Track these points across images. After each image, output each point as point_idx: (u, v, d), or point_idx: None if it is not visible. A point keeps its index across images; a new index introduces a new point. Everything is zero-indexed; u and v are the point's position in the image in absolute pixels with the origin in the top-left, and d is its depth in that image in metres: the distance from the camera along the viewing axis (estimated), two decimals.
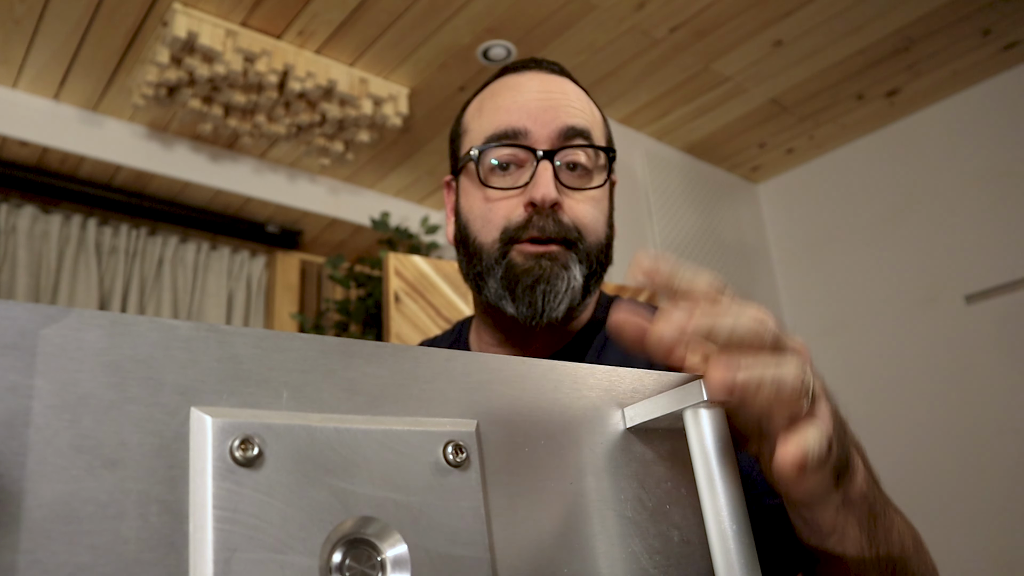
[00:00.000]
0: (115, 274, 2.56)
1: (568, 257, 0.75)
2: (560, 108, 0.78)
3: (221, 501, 0.28)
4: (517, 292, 0.75)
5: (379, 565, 0.31)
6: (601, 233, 0.79)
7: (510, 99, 0.79)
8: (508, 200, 0.77)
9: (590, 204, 0.78)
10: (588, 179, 0.79)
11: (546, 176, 0.74)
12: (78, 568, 0.26)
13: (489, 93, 0.83)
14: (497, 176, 0.78)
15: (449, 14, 2.05)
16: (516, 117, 0.77)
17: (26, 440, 0.26)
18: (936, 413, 2.45)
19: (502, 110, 0.79)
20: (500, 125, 0.78)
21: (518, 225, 0.75)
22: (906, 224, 2.64)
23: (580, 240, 0.76)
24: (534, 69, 0.82)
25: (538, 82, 0.80)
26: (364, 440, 0.33)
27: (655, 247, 2.56)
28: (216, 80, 2.15)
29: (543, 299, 0.74)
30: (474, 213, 0.79)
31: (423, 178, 2.89)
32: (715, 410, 0.40)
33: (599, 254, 0.79)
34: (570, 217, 0.76)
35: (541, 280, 0.74)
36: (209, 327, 0.31)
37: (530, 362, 0.40)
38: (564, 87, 0.81)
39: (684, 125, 2.68)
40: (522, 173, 0.77)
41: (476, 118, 0.82)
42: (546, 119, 0.77)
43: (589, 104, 0.83)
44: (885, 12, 2.16)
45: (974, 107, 2.54)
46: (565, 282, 0.74)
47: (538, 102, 0.78)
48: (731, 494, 0.39)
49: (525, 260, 0.75)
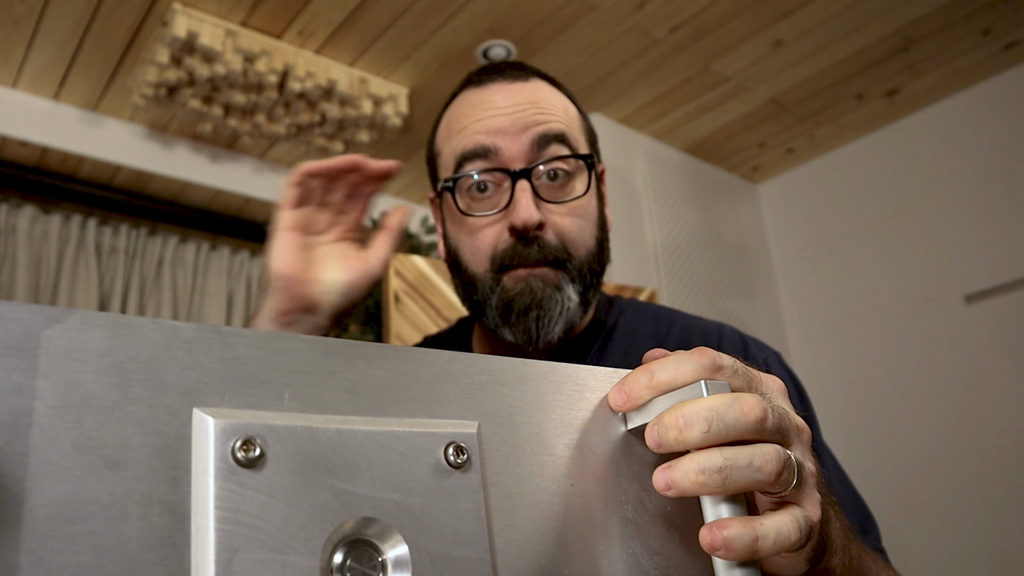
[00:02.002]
0: (115, 274, 2.56)
1: (559, 278, 0.74)
2: (528, 119, 0.75)
3: (223, 502, 0.29)
4: (512, 319, 0.74)
5: (380, 566, 0.31)
6: (591, 242, 0.77)
7: (475, 118, 0.76)
8: (492, 226, 0.75)
9: (575, 215, 0.76)
10: (570, 186, 0.76)
11: (524, 198, 0.72)
12: (80, 568, 0.26)
13: (455, 112, 0.80)
14: (476, 201, 0.76)
15: (449, 14, 2.05)
16: (484, 137, 0.75)
17: (29, 441, 0.27)
18: (936, 413, 2.45)
19: (468, 132, 0.76)
20: (466, 146, 0.75)
21: (505, 252, 0.74)
22: (906, 224, 2.64)
23: (569, 258, 0.75)
24: (497, 80, 0.79)
25: (502, 95, 0.77)
26: (365, 441, 0.33)
27: (655, 247, 2.56)
28: (216, 80, 2.15)
29: (537, 324, 0.73)
30: (461, 241, 0.78)
31: (423, 178, 2.89)
32: None
33: (592, 263, 0.77)
34: (555, 233, 0.74)
35: (533, 306, 0.73)
36: (211, 328, 0.31)
37: (531, 364, 0.40)
38: (532, 93, 0.77)
39: (684, 125, 2.68)
40: (501, 194, 0.75)
41: (446, 140, 0.80)
42: (515, 133, 0.74)
43: (562, 101, 0.79)
44: (885, 12, 2.16)
45: (974, 107, 2.54)
46: (559, 304, 0.73)
47: (504, 117, 0.75)
48: (731, 495, 0.39)
49: (515, 283, 0.74)
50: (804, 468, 0.41)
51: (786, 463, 0.39)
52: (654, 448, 0.39)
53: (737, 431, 0.38)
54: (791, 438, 0.42)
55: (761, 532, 0.37)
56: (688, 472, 0.37)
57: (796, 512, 0.40)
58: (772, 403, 0.41)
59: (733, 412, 0.38)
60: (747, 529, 0.37)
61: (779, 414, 0.40)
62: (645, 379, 0.41)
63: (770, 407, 0.40)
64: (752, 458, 0.38)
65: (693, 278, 2.66)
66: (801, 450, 0.42)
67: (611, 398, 0.42)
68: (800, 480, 0.40)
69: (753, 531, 0.37)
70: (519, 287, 0.73)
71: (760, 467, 0.38)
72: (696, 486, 0.37)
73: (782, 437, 0.41)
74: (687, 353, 0.41)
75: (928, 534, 2.39)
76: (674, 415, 0.38)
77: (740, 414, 0.38)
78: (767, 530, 0.37)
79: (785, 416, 0.41)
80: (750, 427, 0.38)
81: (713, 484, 0.37)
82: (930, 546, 2.38)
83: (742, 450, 0.38)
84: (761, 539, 0.37)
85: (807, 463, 0.42)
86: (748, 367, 0.43)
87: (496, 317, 0.75)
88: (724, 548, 0.36)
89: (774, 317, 2.91)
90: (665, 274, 2.55)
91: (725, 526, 0.37)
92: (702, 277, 2.69)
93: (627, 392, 0.41)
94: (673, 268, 2.60)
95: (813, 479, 0.42)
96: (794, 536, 0.38)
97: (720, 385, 0.40)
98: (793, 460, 0.40)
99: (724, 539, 0.36)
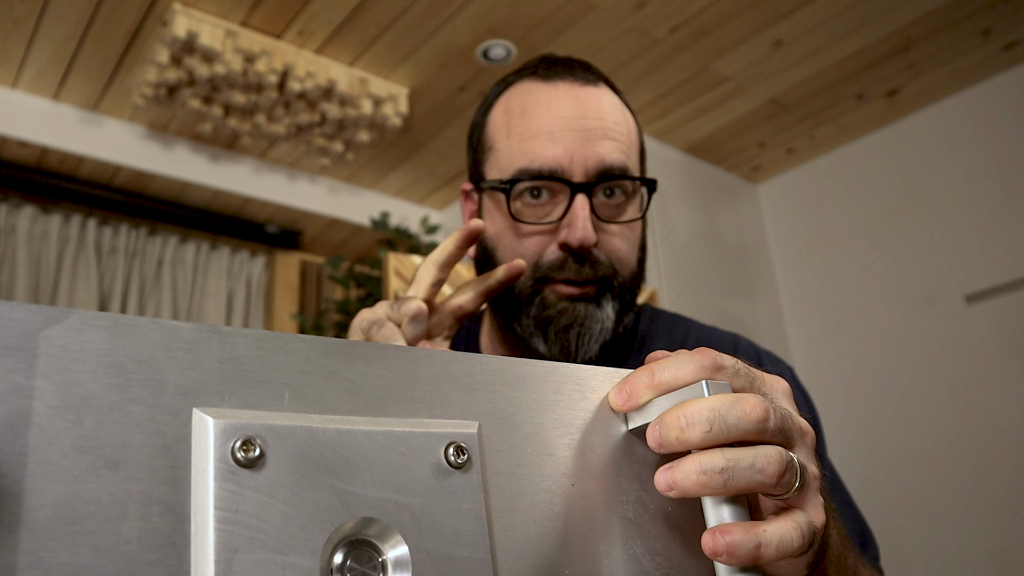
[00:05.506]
0: (115, 274, 2.56)
1: (603, 296, 0.73)
2: (597, 139, 0.72)
3: (223, 502, 0.28)
4: (550, 334, 0.72)
5: (380, 566, 0.31)
6: (635, 264, 0.76)
7: (543, 124, 0.73)
8: (541, 236, 0.73)
9: (625, 236, 0.75)
10: (625, 206, 0.75)
11: (582, 216, 0.70)
12: (80, 568, 0.26)
13: (519, 106, 0.76)
14: (528, 207, 0.73)
15: (449, 14, 2.05)
16: (551, 152, 0.72)
17: (28, 441, 0.27)
18: (936, 413, 2.45)
19: (534, 139, 0.73)
20: (534, 158, 0.72)
21: (551, 264, 0.72)
22: (906, 224, 2.64)
23: (615, 276, 0.73)
24: (567, 78, 0.76)
25: (572, 101, 0.74)
26: (365, 441, 0.33)
27: (656, 247, 2.55)
28: (216, 80, 2.15)
29: (576, 342, 0.72)
30: (503, 243, 0.75)
31: (423, 178, 2.89)
32: None
33: (632, 285, 0.76)
34: (606, 253, 0.73)
35: (576, 323, 0.72)
36: (211, 328, 0.31)
37: (532, 364, 0.40)
38: (600, 105, 0.75)
39: (684, 125, 2.68)
40: (555, 205, 0.73)
41: (504, 135, 0.76)
42: (583, 152, 0.72)
43: (624, 116, 0.77)
44: (885, 12, 2.16)
45: (974, 107, 2.54)
46: (600, 323, 0.72)
47: (574, 132, 0.72)
48: (733, 496, 0.39)
49: (559, 300, 0.72)
50: (807, 471, 0.41)
51: (788, 465, 0.39)
52: (655, 448, 0.39)
53: (739, 431, 0.38)
54: (794, 440, 0.41)
55: (764, 539, 0.37)
56: (690, 473, 0.37)
57: (799, 518, 0.40)
58: (775, 404, 0.40)
59: (735, 412, 0.38)
60: (750, 536, 0.37)
61: (782, 415, 0.40)
62: (646, 379, 0.41)
63: (772, 408, 0.39)
64: (754, 459, 0.38)
65: (693, 278, 2.66)
66: (804, 453, 0.42)
67: (612, 398, 0.42)
68: (803, 483, 0.40)
69: (756, 537, 0.37)
70: (562, 305, 0.72)
71: (762, 468, 0.38)
72: (698, 487, 0.37)
73: (785, 438, 0.40)
74: (688, 353, 0.41)
75: (928, 534, 2.39)
76: (676, 415, 0.38)
77: (742, 414, 0.38)
78: (770, 537, 0.37)
79: (788, 417, 0.41)
80: (752, 427, 0.38)
81: (715, 485, 0.37)
82: (930, 546, 2.38)
83: (744, 451, 0.38)
84: (764, 546, 0.37)
85: (810, 466, 0.42)
86: (750, 367, 0.43)
87: (531, 327, 0.73)
88: (727, 554, 0.36)
89: (774, 317, 2.90)
90: (665, 274, 2.55)
91: (728, 531, 0.37)
92: (702, 277, 2.69)
93: (628, 392, 0.41)
94: (673, 268, 2.60)
95: (816, 482, 0.42)
96: (796, 543, 0.38)
97: (721, 385, 0.40)
98: (796, 462, 0.39)
99: (727, 545, 0.36)
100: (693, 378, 0.40)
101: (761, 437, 0.39)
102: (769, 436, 0.39)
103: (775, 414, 0.39)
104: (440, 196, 3.03)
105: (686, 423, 0.38)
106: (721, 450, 0.38)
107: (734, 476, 0.37)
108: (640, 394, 0.41)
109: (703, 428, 0.38)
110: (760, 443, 0.39)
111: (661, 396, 0.40)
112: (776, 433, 0.39)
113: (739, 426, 0.38)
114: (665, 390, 0.40)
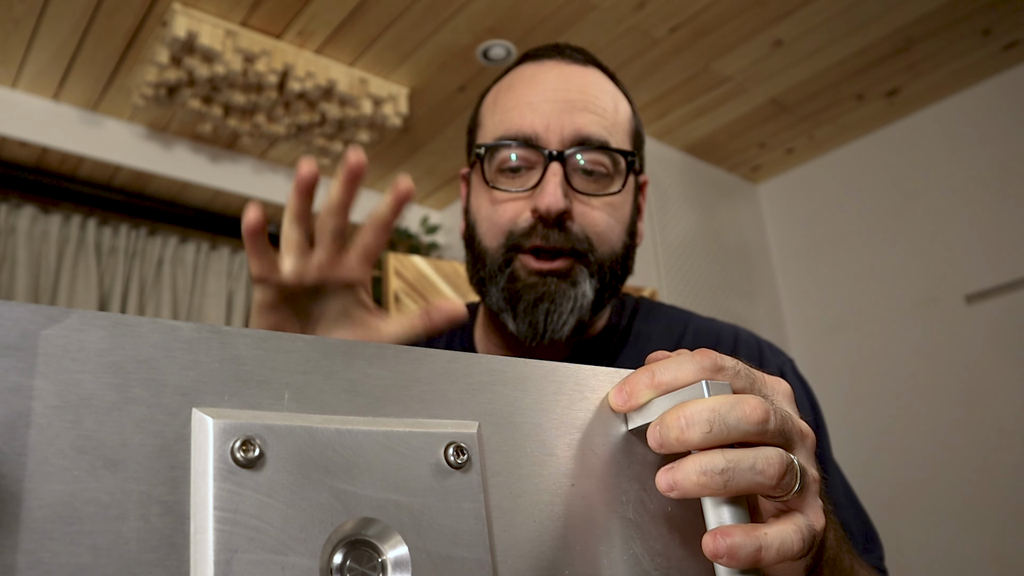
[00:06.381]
0: (115, 274, 2.56)
1: (577, 271, 0.71)
2: (576, 110, 0.73)
3: (222, 502, 0.28)
4: (519, 309, 0.71)
5: (380, 566, 0.31)
6: (617, 242, 0.74)
7: (524, 96, 0.74)
8: (515, 203, 0.73)
9: (605, 211, 0.73)
10: (606, 184, 0.74)
11: (554, 182, 0.70)
12: (79, 569, 0.26)
13: (507, 83, 0.78)
14: (505, 177, 0.74)
15: (449, 14, 2.05)
16: (528, 119, 0.73)
17: (27, 441, 0.26)
18: (936, 413, 2.45)
19: (514, 108, 0.74)
20: (510, 127, 0.73)
21: (522, 231, 0.71)
22: (906, 224, 2.64)
23: (591, 251, 0.72)
24: (555, 58, 0.77)
25: (556, 75, 0.75)
26: (365, 441, 0.33)
27: (655, 247, 2.55)
28: (216, 80, 2.15)
29: (545, 318, 0.70)
30: (480, 214, 0.76)
31: (423, 178, 2.89)
32: None
33: (613, 264, 0.74)
34: (581, 225, 0.72)
35: (545, 298, 0.70)
36: (211, 328, 0.31)
37: (532, 364, 0.40)
38: (585, 80, 0.75)
39: (684, 125, 2.68)
40: (532, 175, 0.73)
41: (491, 112, 0.78)
42: (560, 121, 0.72)
43: (613, 97, 0.78)
44: (885, 12, 2.16)
45: (974, 107, 2.54)
46: (572, 300, 0.71)
47: (553, 103, 0.73)
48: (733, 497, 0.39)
49: (528, 276, 0.71)
50: (807, 473, 0.41)
51: (788, 467, 0.39)
52: (655, 448, 0.39)
53: (739, 432, 0.38)
54: (794, 442, 0.41)
55: (765, 542, 0.37)
56: (690, 473, 0.37)
57: (799, 521, 0.39)
58: (775, 405, 0.40)
59: (735, 413, 0.38)
60: (751, 538, 0.37)
61: (782, 417, 0.40)
62: (646, 379, 0.41)
63: (773, 409, 0.39)
64: (755, 461, 0.38)
65: (693, 278, 2.66)
66: (804, 455, 0.42)
67: (612, 398, 0.42)
68: (803, 485, 0.40)
69: (757, 540, 0.37)
70: (532, 280, 0.71)
71: (762, 470, 0.37)
72: (698, 487, 0.37)
73: (785, 440, 0.40)
74: (689, 353, 0.41)
75: (928, 534, 2.39)
76: (676, 415, 0.38)
77: (742, 415, 0.38)
78: (771, 540, 0.37)
79: (788, 419, 0.41)
80: (752, 429, 0.38)
81: (715, 486, 0.37)
82: (930, 546, 2.38)
83: (745, 452, 0.38)
84: (764, 549, 0.37)
85: (810, 469, 0.42)
86: (751, 368, 0.43)
87: (501, 300, 0.73)
88: (727, 556, 0.36)
89: (774, 317, 2.90)
90: (665, 274, 2.55)
91: (729, 534, 0.37)
92: (702, 277, 2.69)
93: (628, 392, 0.41)
94: (673, 268, 2.60)
95: (816, 485, 0.42)
96: (797, 547, 0.38)
97: (722, 386, 0.40)
98: (796, 464, 0.39)
99: (728, 547, 0.36)
100: (693, 378, 0.40)
101: (761, 439, 0.39)
102: (769, 438, 0.39)
103: (775, 416, 0.39)
104: (440, 196, 3.03)
105: (686, 423, 0.38)
106: (721, 451, 0.38)
107: (734, 477, 0.37)
108: (640, 394, 0.41)
109: (703, 429, 0.38)
110: (760, 445, 0.39)
111: (661, 396, 0.40)
112: (776, 435, 0.39)
113: (739, 427, 0.38)
114: (665, 390, 0.40)
